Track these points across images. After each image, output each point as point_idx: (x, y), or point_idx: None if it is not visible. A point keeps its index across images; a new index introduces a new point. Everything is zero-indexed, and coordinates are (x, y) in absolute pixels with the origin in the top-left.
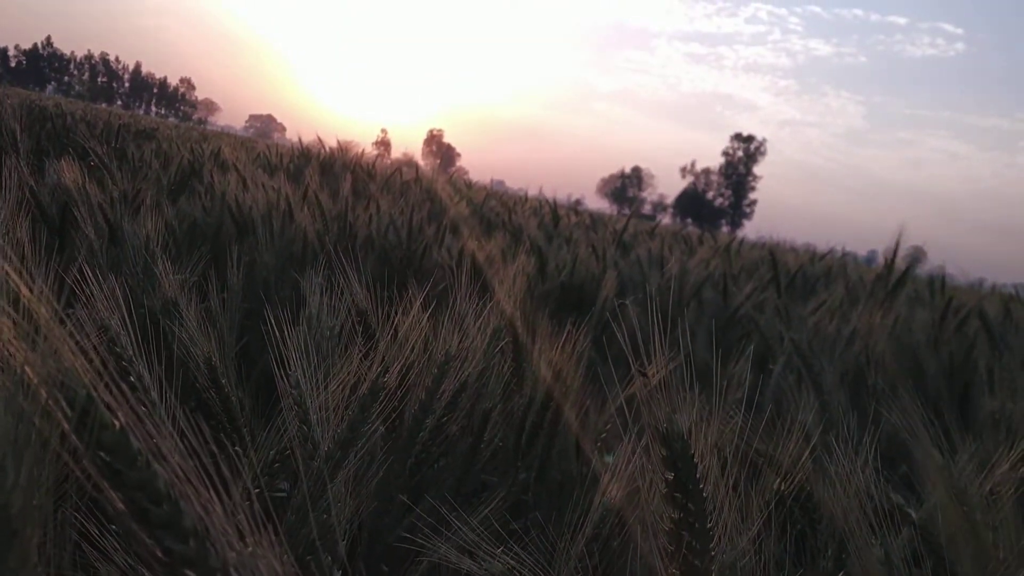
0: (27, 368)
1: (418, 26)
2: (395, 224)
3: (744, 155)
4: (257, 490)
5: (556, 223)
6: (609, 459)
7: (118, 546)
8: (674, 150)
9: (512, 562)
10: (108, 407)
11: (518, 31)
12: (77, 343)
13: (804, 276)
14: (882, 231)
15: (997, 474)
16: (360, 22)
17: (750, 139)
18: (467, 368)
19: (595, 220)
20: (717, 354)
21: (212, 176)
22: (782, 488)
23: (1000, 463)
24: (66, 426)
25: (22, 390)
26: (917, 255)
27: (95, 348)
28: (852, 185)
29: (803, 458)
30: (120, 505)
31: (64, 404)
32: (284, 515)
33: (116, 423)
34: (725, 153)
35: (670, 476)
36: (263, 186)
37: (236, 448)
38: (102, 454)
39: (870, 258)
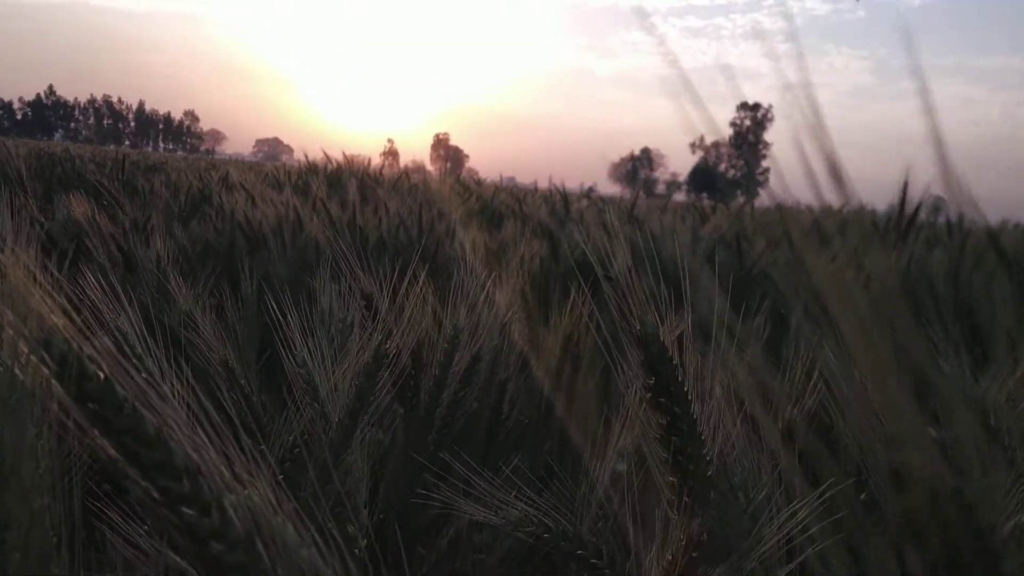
0: (8, 326)
1: (413, 33)
2: (405, 224)
3: (752, 123)
4: (282, 475)
5: (567, 208)
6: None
7: (123, 516)
8: (681, 127)
9: (530, 510)
10: (92, 360)
11: (513, 26)
12: (59, 304)
13: (819, 229)
14: (898, 184)
15: (1010, 382)
16: (355, 35)
17: (756, 107)
18: (479, 341)
19: (606, 203)
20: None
21: (221, 198)
22: (794, 415)
23: (1012, 373)
24: (50, 378)
25: (4, 348)
26: (938, 204)
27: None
28: (865, 141)
29: (816, 385)
30: (112, 452)
31: (47, 358)
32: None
33: (100, 374)
34: (733, 124)
35: (651, 381)
36: (271, 201)
37: (258, 439)
38: (90, 404)
39: (889, 213)
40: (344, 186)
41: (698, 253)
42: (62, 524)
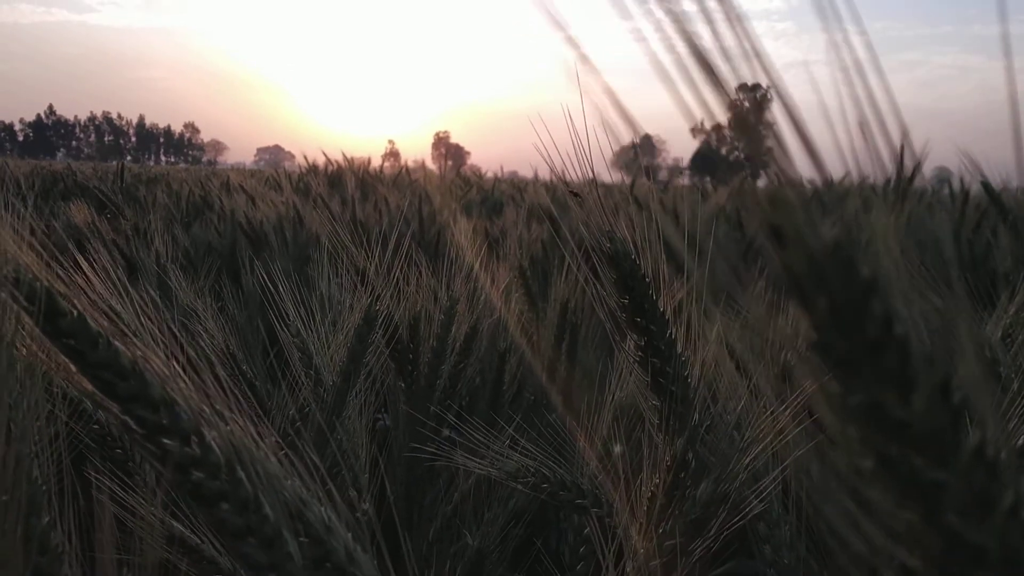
0: None
1: (408, 35)
2: (406, 217)
3: (752, 104)
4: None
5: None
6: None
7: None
8: (681, 112)
9: (528, 461)
10: (65, 296)
11: (505, 20)
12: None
13: (820, 200)
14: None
15: (1006, 319)
16: (351, 42)
17: (755, 87)
18: (476, 311)
19: (609, 188)
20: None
21: (222, 201)
22: (788, 359)
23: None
24: (23, 315)
25: None
26: (943, 175)
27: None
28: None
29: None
30: (88, 385)
31: (18, 295)
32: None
33: (73, 311)
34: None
35: (624, 300)
36: (272, 202)
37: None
38: (65, 340)
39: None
40: (344, 184)
41: (698, 225)
42: (51, 475)
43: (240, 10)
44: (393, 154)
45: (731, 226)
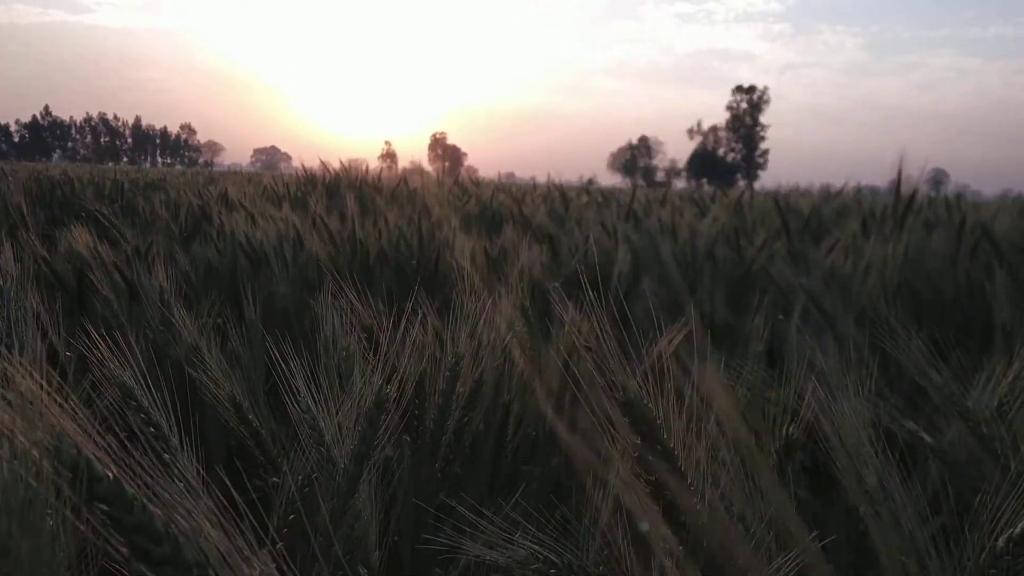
0: (19, 435)
1: (405, 35)
2: (404, 236)
3: (748, 106)
4: (292, 515)
5: (566, 207)
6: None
7: None
8: (678, 113)
9: (535, 546)
10: (101, 461)
11: (503, 22)
12: (72, 408)
13: (819, 217)
14: (901, 158)
15: (1004, 385)
16: (348, 41)
17: (752, 89)
18: (480, 366)
19: (606, 197)
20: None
21: (222, 218)
22: (791, 432)
23: (1004, 376)
24: (62, 484)
25: (16, 457)
26: (939, 177)
27: (107, 408)
28: (864, 118)
29: (810, 399)
30: (125, 550)
31: (58, 463)
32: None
33: (109, 474)
34: (729, 107)
35: (637, 440)
36: (271, 218)
37: (273, 479)
38: (100, 505)
39: (891, 188)
40: (342, 195)
41: (698, 250)
42: None
43: (238, 12)
44: (390, 155)
45: (730, 246)
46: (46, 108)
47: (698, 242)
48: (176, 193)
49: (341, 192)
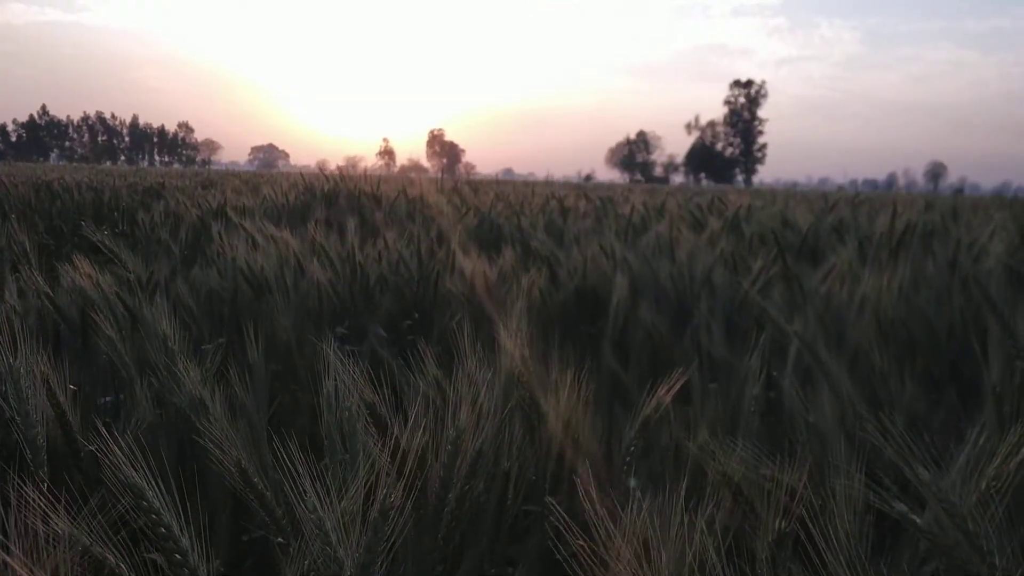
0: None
1: (401, 33)
2: (404, 259)
3: (746, 100)
4: None
5: (565, 217)
6: (633, 483)
7: None
8: (676, 108)
9: None
10: None
11: (499, 18)
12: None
13: (816, 235)
14: (897, 152)
15: (990, 471)
16: (345, 39)
17: (749, 84)
18: (481, 437)
19: (605, 203)
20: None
21: (222, 239)
22: (782, 527)
23: (991, 461)
24: None
25: None
26: (937, 170)
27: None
28: (860, 111)
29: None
30: None
31: None
32: None
33: None
34: (727, 102)
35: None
36: (272, 238)
37: (280, 540)
38: None
39: (889, 181)
40: (342, 208)
41: (696, 277)
42: None
43: (235, 10)
44: (387, 152)
45: (727, 268)
46: (43, 107)
47: (696, 267)
48: (175, 202)
49: (340, 203)
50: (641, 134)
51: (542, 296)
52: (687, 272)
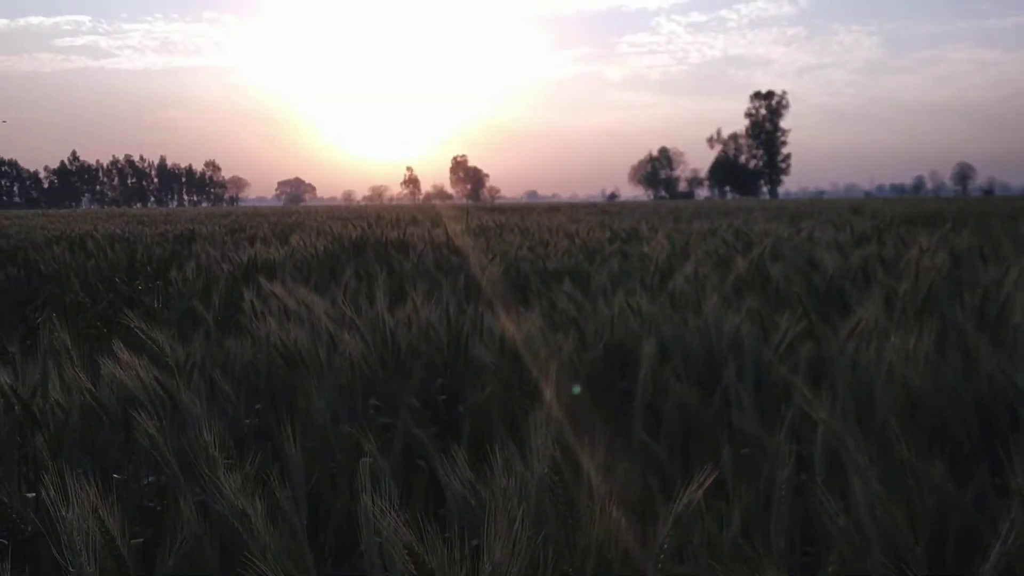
0: None
1: (420, 59)
2: (432, 324)
3: (768, 112)
4: None
5: (591, 260)
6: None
7: None
8: (697, 122)
9: None
10: None
11: (518, 41)
12: None
13: (843, 275)
14: (924, 155)
15: None
16: (364, 66)
17: (770, 95)
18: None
19: (630, 236)
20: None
21: (253, 307)
22: None
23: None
24: None
25: None
26: (965, 172)
27: None
28: (884, 116)
29: None
30: None
31: None
32: None
33: None
34: (748, 114)
35: None
36: (303, 303)
37: None
38: None
39: (917, 185)
40: (369, 261)
41: (723, 333)
42: None
43: (253, 46)
44: (412, 181)
45: (754, 322)
46: (73, 153)
47: (723, 326)
48: (205, 254)
49: (367, 255)
50: (663, 150)
51: (571, 359)
52: (714, 330)
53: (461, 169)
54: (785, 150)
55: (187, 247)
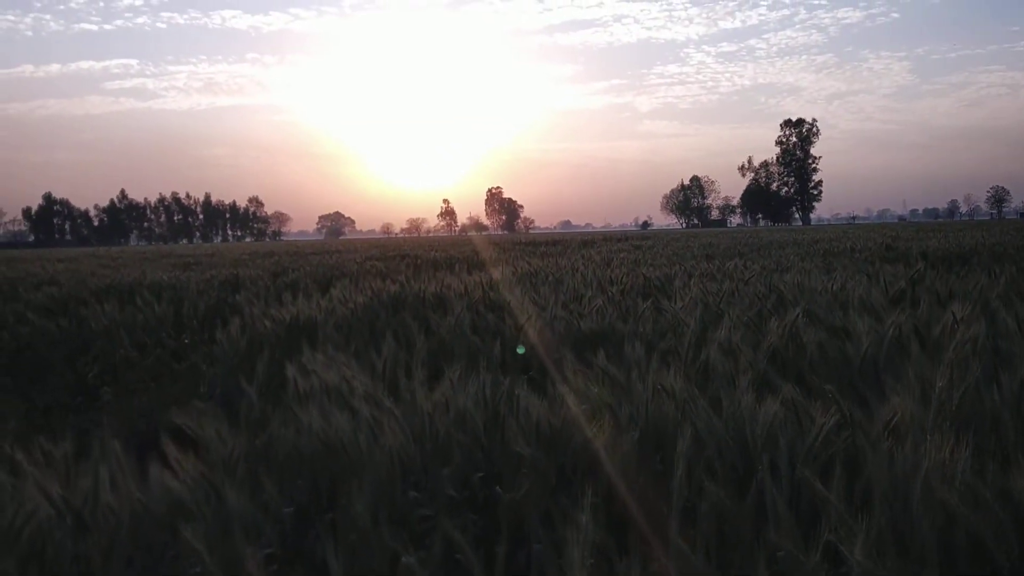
0: None
1: (458, 92)
2: (470, 411)
3: (798, 139)
4: None
5: (625, 319)
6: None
7: None
8: (728, 151)
9: None
10: None
11: (550, 74)
12: None
13: (879, 345)
14: (958, 178)
15: None
16: (400, 100)
17: (800, 122)
18: None
19: (664, 283)
20: None
21: (296, 386)
22: None
23: None
24: None
25: None
26: (1000, 195)
27: None
28: (916, 140)
29: None
30: None
31: None
32: None
33: None
34: (779, 142)
35: None
36: (345, 380)
37: None
38: None
39: (951, 209)
40: (407, 324)
41: (758, 429)
42: None
43: (293, 83)
44: (448, 213)
45: (788, 409)
46: (122, 192)
47: (757, 417)
48: (249, 307)
49: (405, 317)
50: (695, 179)
51: (607, 445)
52: (748, 423)
53: (496, 200)
54: (816, 177)
55: (232, 294)
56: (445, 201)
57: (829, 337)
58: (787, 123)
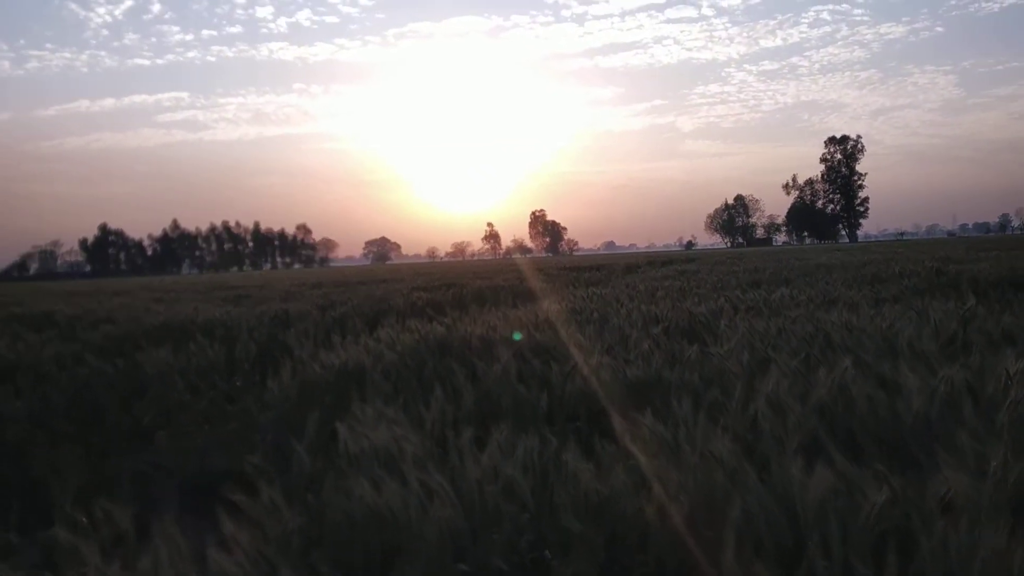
0: None
1: (502, 116)
2: (518, 481)
3: (843, 156)
4: None
5: (672, 366)
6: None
7: None
8: (771, 169)
9: None
10: None
11: (592, 95)
12: None
13: (931, 403)
14: (1009, 192)
15: None
16: (447, 125)
17: (845, 139)
18: None
19: (709, 319)
20: None
21: (348, 447)
22: None
23: None
24: None
25: None
26: None
27: None
28: (964, 154)
29: None
30: None
31: None
32: None
33: None
34: (823, 159)
35: None
36: (395, 440)
37: None
38: None
39: (1003, 222)
40: (453, 370)
41: (807, 502)
42: None
43: (339, 111)
44: (493, 236)
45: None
46: (174, 222)
47: (807, 496)
48: (300, 349)
49: (451, 363)
50: (739, 198)
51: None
52: (799, 498)
53: (540, 223)
54: (863, 193)
55: (283, 329)
56: (489, 224)
57: (878, 389)
58: (831, 140)
